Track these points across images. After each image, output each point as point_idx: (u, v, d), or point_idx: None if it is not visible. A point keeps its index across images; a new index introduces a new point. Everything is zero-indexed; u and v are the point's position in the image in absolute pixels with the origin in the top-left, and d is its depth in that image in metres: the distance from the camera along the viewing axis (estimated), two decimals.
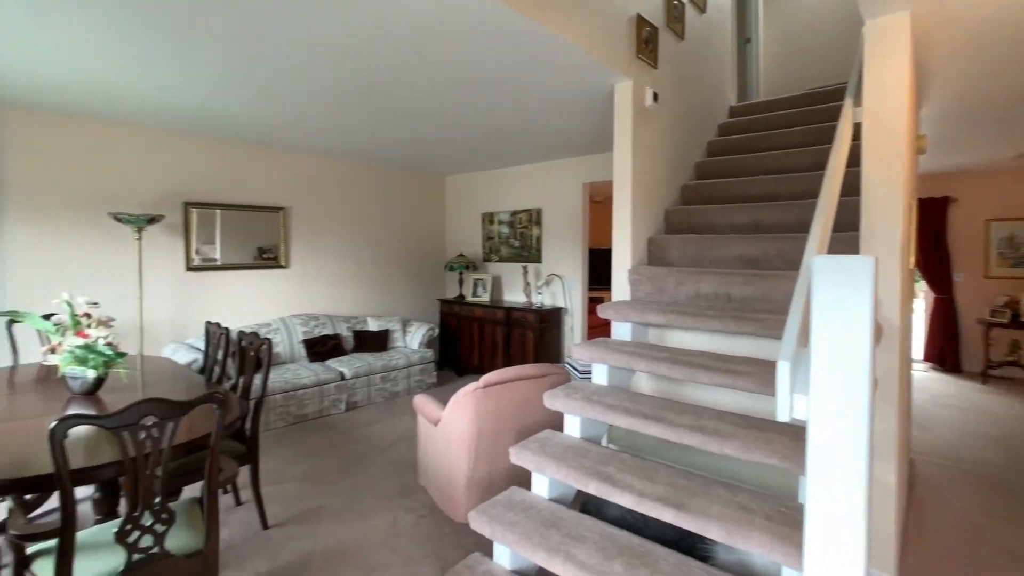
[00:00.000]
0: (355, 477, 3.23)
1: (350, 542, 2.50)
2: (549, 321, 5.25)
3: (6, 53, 2.66)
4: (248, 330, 4.57)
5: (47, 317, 3.12)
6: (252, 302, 4.85)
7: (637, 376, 2.73)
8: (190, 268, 4.42)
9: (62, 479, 1.40)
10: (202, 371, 3.32)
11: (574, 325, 5.41)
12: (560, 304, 5.47)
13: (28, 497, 2.44)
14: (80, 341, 2.36)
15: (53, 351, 2.39)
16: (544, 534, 1.85)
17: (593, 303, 8.24)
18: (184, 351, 3.89)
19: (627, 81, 2.99)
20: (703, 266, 2.97)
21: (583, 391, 2.34)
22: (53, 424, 1.34)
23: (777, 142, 3.68)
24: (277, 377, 4.12)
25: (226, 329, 3.04)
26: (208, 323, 3.26)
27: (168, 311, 4.30)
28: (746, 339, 2.40)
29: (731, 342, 2.47)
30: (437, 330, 5.53)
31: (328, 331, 5.02)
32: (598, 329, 7.70)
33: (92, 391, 2.42)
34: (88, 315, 2.44)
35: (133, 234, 3.90)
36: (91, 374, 2.38)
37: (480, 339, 5.61)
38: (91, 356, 2.36)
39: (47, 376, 2.72)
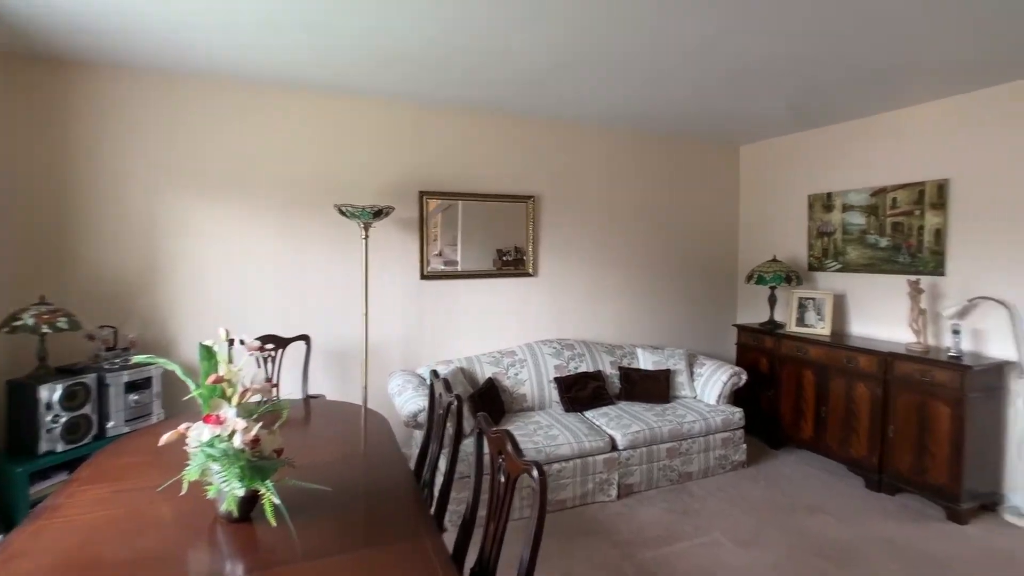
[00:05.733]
0: None
1: None
2: (982, 387, 2.82)
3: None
4: (487, 360, 3.43)
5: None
6: (492, 320, 3.70)
7: None
8: (425, 276, 3.45)
9: None
10: (423, 452, 2.08)
11: None
12: (1003, 355, 2.95)
13: None
14: (210, 433, 1.25)
15: (185, 437, 1.34)
16: None
17: None
18: (411, 392, 2.83)
19: None
20: None
21: None
22: None
23: None
24: (524, 438, 2.81)
25: (456, 398, 1.73)
26: (433, 374, 2.02)
27: (398, 328, 3.39)
28: None
29: None
30: (745, 376, 3.60)
31: (587, 367, 3.56)
32: None
33: (240, 518, 1.32)
34: (223, 379, 1.32)
35: (360, 232, 3.02)
36: (234, 495, 1.27)
37: (819, 397, 3.47)
38: (227, 465, 1.23)
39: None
